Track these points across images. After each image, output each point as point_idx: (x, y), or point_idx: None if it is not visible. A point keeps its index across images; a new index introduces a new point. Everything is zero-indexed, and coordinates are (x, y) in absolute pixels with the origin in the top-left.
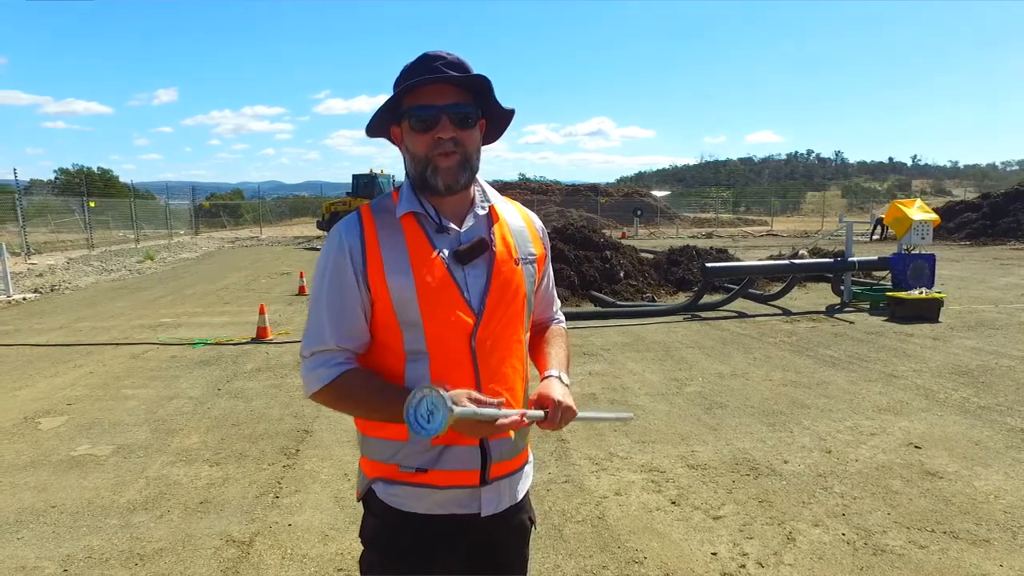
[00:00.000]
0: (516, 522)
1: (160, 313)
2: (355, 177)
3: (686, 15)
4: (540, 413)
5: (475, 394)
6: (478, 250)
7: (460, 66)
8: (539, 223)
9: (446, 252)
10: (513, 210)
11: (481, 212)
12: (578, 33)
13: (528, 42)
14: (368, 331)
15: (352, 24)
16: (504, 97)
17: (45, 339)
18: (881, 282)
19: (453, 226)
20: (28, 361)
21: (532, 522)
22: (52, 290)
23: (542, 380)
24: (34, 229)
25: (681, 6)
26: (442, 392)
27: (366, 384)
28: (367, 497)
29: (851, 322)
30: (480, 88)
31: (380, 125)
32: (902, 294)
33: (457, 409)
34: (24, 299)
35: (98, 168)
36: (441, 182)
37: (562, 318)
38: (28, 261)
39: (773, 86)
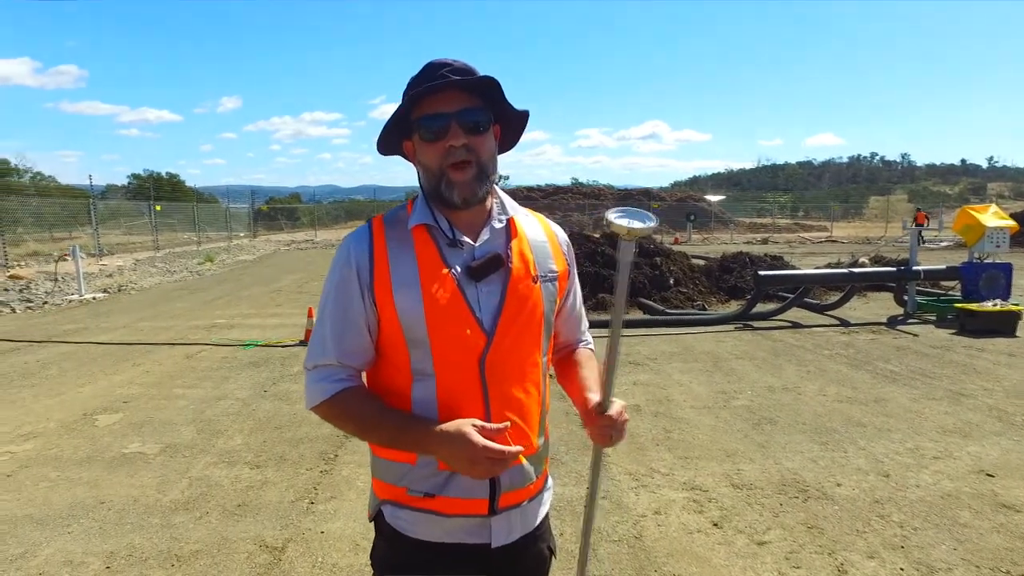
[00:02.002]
0: (533, 552)
1: (215, 314)
2: None
3: (742, 16)
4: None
5: (479, 422)
6: (492, 266)
7: (467, 71)
8: (563, 237)
9: (458, 268)
10: (535, 223)
11: (498, 225)
12: (632, 35)
13: (580, 45)
14: (372, 348)
15: (408, 31)
16: (555, 100)
17: (109, 337)
18: (949, 292)
19: (467, 240)
20: (93, 359)
21: (552, 551)
22: (119, 290)
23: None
24: (108, 231)
25: (737, 7)
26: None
27: (364, 405)
28: (377, 519)
29: (915, 335)
30: (490, 91)
31: (391, 142)
32: (973, 306)
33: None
34: (94, 298)
35: (166, 173)
36: (458, 196)
37: (590, 340)
38: (100, 262)
39: (833, 87)
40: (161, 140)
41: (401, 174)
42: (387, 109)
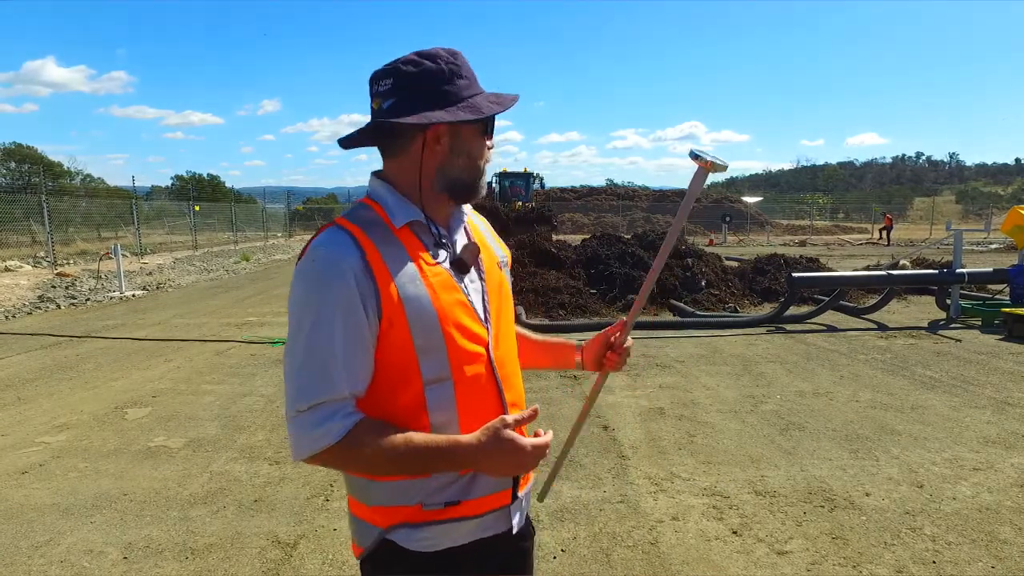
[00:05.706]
0: (527, 528)
1: (247, 312)
2: (502, 176)
3: (782, 13)
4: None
5: (510, 418)
6: (472, 257)
7: None
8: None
9: (447, 263)
10: (474, 213)
11: (463, 218)
12: (668, 35)
13: (615, 45)
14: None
15: (442, 31)
16: (589, 101)
17: (144, 334)
18: (996, 297)
19: (444, 233)
20: (127, 354)
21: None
22: (158, 288)
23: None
24: (152, 231)
25: (778, 4)
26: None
27: (384, 434)
28: (378, 552)
29: (957, 340)
30: None
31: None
32: (1022, 311)
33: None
34: (133, 295)
35: (208, 174)
36: (483, 191)
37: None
38: (140, 261)
39: (876, 84)
40: (204, 143)
41: None
42: None
